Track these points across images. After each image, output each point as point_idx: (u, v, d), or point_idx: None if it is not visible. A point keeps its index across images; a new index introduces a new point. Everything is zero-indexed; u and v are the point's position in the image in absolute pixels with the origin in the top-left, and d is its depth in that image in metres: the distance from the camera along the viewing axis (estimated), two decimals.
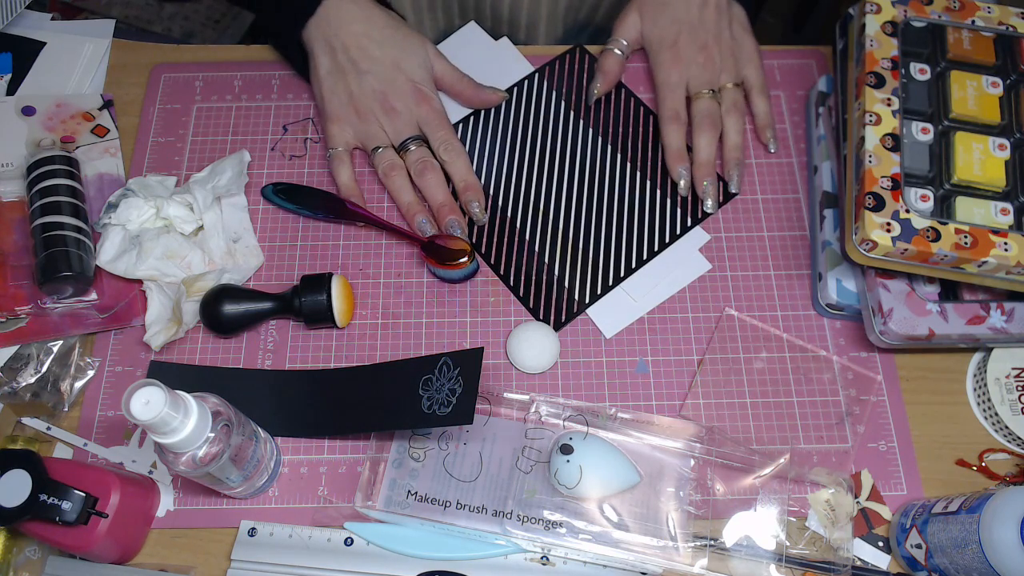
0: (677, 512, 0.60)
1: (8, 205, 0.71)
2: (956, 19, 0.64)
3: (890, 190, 0.58)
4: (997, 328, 0.62)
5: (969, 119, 0.62)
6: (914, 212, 0.58)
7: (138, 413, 0.48)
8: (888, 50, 0.62)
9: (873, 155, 0.59)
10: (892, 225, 0.57)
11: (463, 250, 0.66)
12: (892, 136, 0.60)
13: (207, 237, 0.67)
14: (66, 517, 0.54)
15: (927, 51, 0.64)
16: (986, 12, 0.64)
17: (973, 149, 0.60)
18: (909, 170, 0.60)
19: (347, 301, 0.66)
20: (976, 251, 0.57)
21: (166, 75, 0.79)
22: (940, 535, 0.55)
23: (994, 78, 0.63)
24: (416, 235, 0.69)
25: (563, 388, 0.66)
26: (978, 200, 0.59)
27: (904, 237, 0.57)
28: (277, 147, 0.76)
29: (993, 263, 0.57)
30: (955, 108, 0.62)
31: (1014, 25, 0.64)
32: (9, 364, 0.65)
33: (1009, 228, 0.58)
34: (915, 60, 0.63)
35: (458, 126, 0.76)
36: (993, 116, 0.62)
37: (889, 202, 0.58)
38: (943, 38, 0.64)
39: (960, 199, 0.59)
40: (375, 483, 0.62)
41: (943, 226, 0.57)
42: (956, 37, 0.64)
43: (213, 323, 0.65)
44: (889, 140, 0.59)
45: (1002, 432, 0.64)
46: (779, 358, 0.67)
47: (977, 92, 0.62)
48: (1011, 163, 0.60)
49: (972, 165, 0.60)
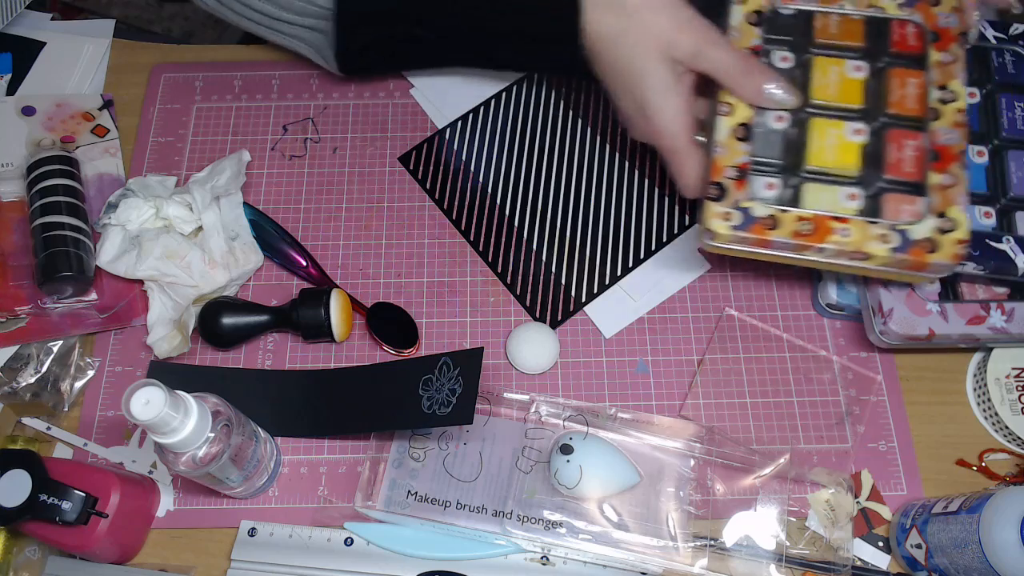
0: (677, 512, 0.60)
1: (8, 205, 0.71)
2: (825, 4, 0.63)
3: (735, 179, 0.58)
4: (997, 328, 0.62)
5: (830, 104, 0.61)
6: (757, 201, 0.57)
7: (138, 413, 0.48)
8: (749, 39, 0.61)
9: (721, 145, 0.59)
10: (732, 214, 0.57)
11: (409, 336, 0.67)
12: (744, 126, 0.59)
13: (207, 237, 0.67)
14: (66, 517, 0.54)
15: (793, 38, 0.63)
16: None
17: (828, 135, 0.59)
18: (759, 159, 0.59)
19: (345, 315, 0.66)
20: (815, 238, 0.56)
21: (166, 75, 0.79)
22: (940, 535, 0.55)
23: (859, 62, 0.61)
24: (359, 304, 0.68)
25: (563, 388, 0.66)
26: (827, 186, 0.58)
27: (742, 227, 0.57)
28: (277, 147, 0.76)
29: (832, 249, 0.56)
30: (815, 94, 0.61)
31: (883, 6, 0.62)
32: (9, 364, 0.65)
33: (857, 214, 0.57)
34: (779, 48, 0.62)
35: (457, 123, 0.76)
36: (854, 100, 0.60)
37: (732, 191, 0.57)
38: (810, 24, 0.63)
39: (808, 185, 0.58)
40: (375, 483, 0.62)
41: (784, 214, 0.57)
42: (824, 22, 0.63)
43: (212, 338, 0.66)
44: (741, 130, 0.59)
45: (1002, 432, 0.64)
46: (779, 358, 0.67)
47: (839, 77, 0.61)
48: (867, 147, 0.59)
49: (825, 151, 0.59)
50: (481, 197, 0.73)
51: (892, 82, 0.60)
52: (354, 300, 0.68)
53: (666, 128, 0.59)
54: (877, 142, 0.59)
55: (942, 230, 0.56)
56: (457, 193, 0.74)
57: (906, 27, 0.62)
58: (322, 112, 0.77)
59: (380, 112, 0.77)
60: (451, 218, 0.73)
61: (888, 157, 0.58)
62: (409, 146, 0.76)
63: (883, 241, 0.56)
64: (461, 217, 0.73)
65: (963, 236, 0.56)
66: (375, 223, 0.72)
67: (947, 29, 0.61)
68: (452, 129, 0.76)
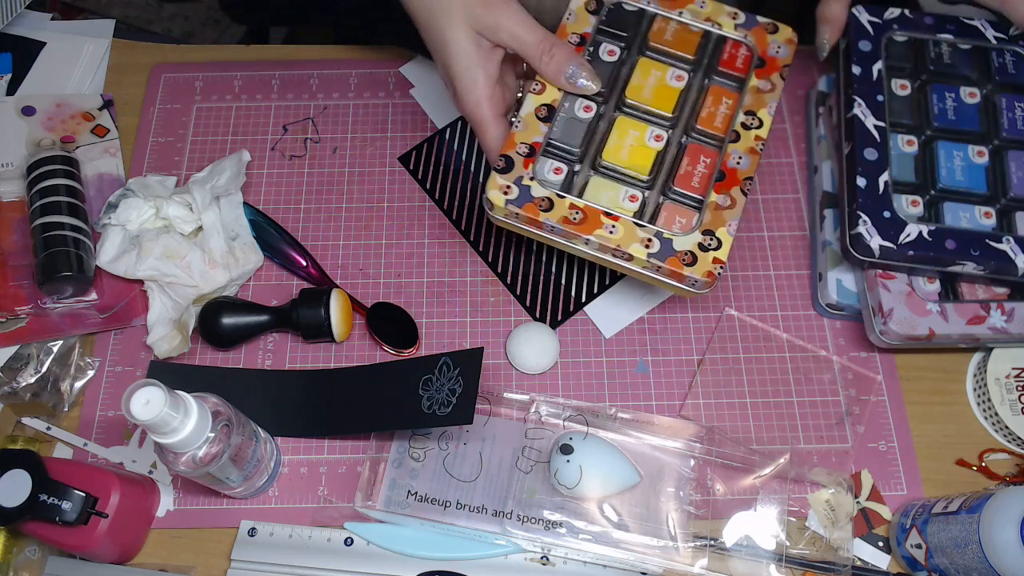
0: (677, 512, 0.60)
1: (8, 205, 0.71)
2: (666, 7, 0.63)
3: (525, 156, 0.58)
4: (997, 328, 0.62)
5: (641, 106, 0.61)
6: (539, 181, 0.58)
7: (138, 413, 0.48)
8: (582, 26, 0.62)
9: (522, 120, 0.59)
10: (511, 189, 0.58)
11: (408, 336, 0.67)
12: (548, 107, 0.60)
13: (207, 237, 0.67)
14: (66, 517, 0.54)
15: (628, 35, 0.63)
16: (698, 6, 0.64)
17: (629, 135, 0.60)
18: (555, 142, 0.60)
19: (345, 315, 0.66)
20: (583, 227, 0.57)
21: (166, 75, 0.79)
22: (940, 535, 0.55)
23: (680, 72, 0.62)
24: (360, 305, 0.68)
25: (563, 388, 0.66)
26: (613, 183, 0.59)
27: (518, 202, 0.57)
28: (277, 147, 0.76)
29: (596, 242, 0.57)
30: (629, 93, 0.61)
31: (721, 23, 0.63)
32: (9, 364, 0.65)
33: (631, 215, 0.58)
34: (610, 41, 0.63)
35: (457, 123, 0.76)
36: (665, 108, 0.61)
37: (518, 167, 0.58)
38: (649, 26, 0.63)
39: (595, 179, 0.59)
40: (375, 483, 0.62)
41: (560, 199, 0.58)
42: (661, 26, 0.63)
43: (212, 338, 0.66)
44: (544, 110, 0.60)
45: (1002, 432, 0.64)
46: (779, 358, 0.67)
47: (658, 82, 0.61)
48: (662, 155, 0.60)
49: (622, 149, 0.60)
50: (481, 197, 0.73)
51: (708, 98, 0.61)
52: (354, 300, 0.68)
53: (467, 97, 0.59)
54: (674, 152, 0.60)
55: (704, 247, 0.57)
56: (457, 193, 0.74)
57: (739, 48, 0.63)
58: (322, 112, 0.77)
59: (380, 112, 0.77)
60: (451, 218, 0.73)
61: (680, 169, 0.59)
62: (409, 146, 0.76)
63: (645, 245, 0.57)
64: (461, 217, 0.73)
65: (722, 257, 0.57)
66: (375, 223, 0.72)
67: (775, 58, 0.63)
68: (452, 129, 0.76)
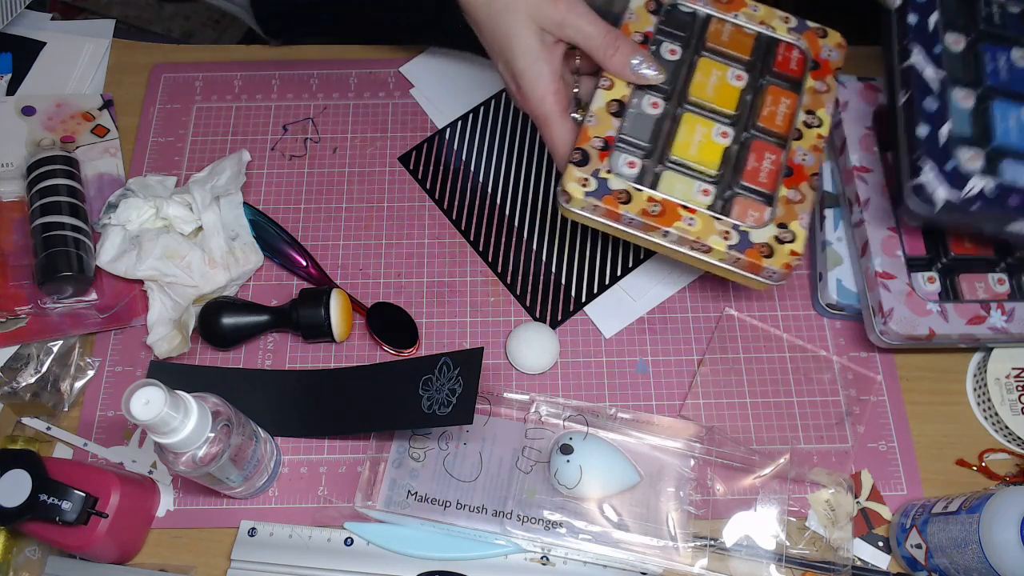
0: (677, 512, 0.60)
1: (8, 205, 0.71)
2: (721, 11, 0.65)
3: (599, 150, 0.59)
4: (998, 328, 0.62)
5: (704, 103, 0.63)
6: (615, 174, 0.59)
7: (138, 413, 0.48)
8: (644, 25, 0.64)
9: (595, 115, 0.60)
10: (589, 181, 0.59)
11: (408, 336, 0.67)
12: (619, 102, 0.61)
13: (207, 237, 0.67)
14: (66, 517, 0.54)
15: (686, 36, 0.65)
16: (752, 10, 0.66)
17: (696, 131, 0.62)
18: (627, 137, 0.61)
19: (345, 315, 0.66)
20: (662, 220, 0.58)
21: (166, 75, 0.79)
22: (940, 535, 0.55)
23: (739, 71, 0.64)
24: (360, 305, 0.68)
25: (563, 388, 0.66)
26: (685, 178, 0.61)
27: (597, 194, 0.58)
28: (277, 147, 0.76)
29: (676, 235, 0.58)
30: (693, 91, 0.63)
31: (775, 27, 0.65)
32: (9, 364, 0.65)
33: (706, 208, 0.59)
34: (670, 41, 0.64)
35: (457, 123, 0.76)
36: (728, 106, 0.63)
37: (594, 160, 0.59)
38: (705, 27, 0.65)
39: (668, 173, 0.61)
40: (375, 483, 0.62)
41: (638, 192, 0.59)
42: (717, 28, 0.65)
43: (212, 338, 0.66)
44: (615, 105, 0.61)
45: (1002, 432, 0.64)
46: (779, 358, 0.67)
47: (719, 81, 0.63)
48: (729, 151, 0.62)
49: (690, 145, 0.61)
50: (481, 197, 0.73)
51: (767, 98, 0.63)
52: (354, 300, 0.68)
53: (532, 93, 0.60)
54: (740, 149, 0.62)
55: (780, 239, 0.59)
56: (457, 193, 0.74)
57: (792, 51, 0.65)
58: (322, 112, 0.77)
59: (380, 112, 0.77)
60: (451, 218, 0.73)
61: (747, 164, 0.61)
62: (409, 146, 0.76)
63: (724, 237, 0.58)
64: (461, 217, 0.73)
65: (799, 249, 0.59)
66: (375, 223, 0.72)
67: (827, 61, 0.65)
68: (452, 129, 0.76)
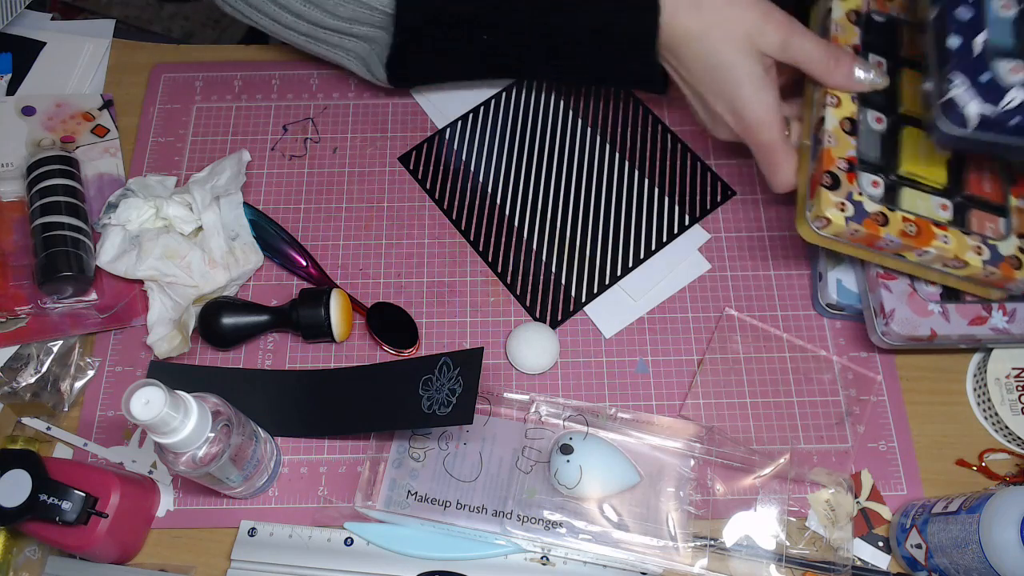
0: (677, 512, 0.60)
1: (8, 205, 0.71)
2: (911, 18, 0.65)
3: (846, 171, 0.59)
4: (999, 329, 0.62)
5: (917, 115, 0.62)
6: (866, 196, 0.58)
7: (138, 413, 0.48)
8: (851, 37, 0.62)
9: (832, 135, 0.59)
10: (846, 205, 0.58)
11: (408, 336, 0.67)
12: (850, 120, 0.60)
13: (207, 237, 0.67)
14: (66, 517, 0.54)
15: (884, 45, 0.64)
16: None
17: (919, 145, 0.61)
18: (862, 155, 0.60)
19: (345, 315, 0.66)
20: (919, 240, 0.58)
21: (166, 75, 0.79)
22: (940, 535, 0.55)
23: None
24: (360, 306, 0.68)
25: (563, 388, 0.66)
26: (921, 193, 0.60)
27: (856, 218, 0.58)
28: (277, 147, 0.76)
29: (933, 253, 0.58)
30: (905, 103, 0.62)
31: None
32: (9, 364, 0.65)
33: (948, 223, 0.59)
34: (873, 52, 0.63)
35: (457, 123, 0.76)
36: None
37: (844, 183, 0.58)
38: (898, 35, 0.64)
39: (906, 190, 0.60)
40: (375, 483, 0.62)
41: (891, 212, 0.58)
42: (909, 38, 0.64)
43: (212, 338, 0.66)
44: (847, 123, 0.60)
45: (1002, 432, 0.64)
46: (779, 358, 0.67)
47: None
48: (952, 161, 0.61)
49: (918, 159, 0.61)
50: (481, 197, 0.73)
51: None
52: (354, 300, 0.68)
53: (760, 121, 0.59)
54: (958, 159, 0.61)
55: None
56: (457, 193, 0.74)
57: None
58: (322, 112, 0.77)
59: (380, 112, 0.77)
60: (451, 218, 0.73)
61: (969, 174, 0.60)
62: (409, 146, 0.76)
63: (977, 252, 0.58)
64: (461, 217, 0.73)
65: None
66: (375, 223, 0.72)
67: None
68: (452, 129, 0.76)
